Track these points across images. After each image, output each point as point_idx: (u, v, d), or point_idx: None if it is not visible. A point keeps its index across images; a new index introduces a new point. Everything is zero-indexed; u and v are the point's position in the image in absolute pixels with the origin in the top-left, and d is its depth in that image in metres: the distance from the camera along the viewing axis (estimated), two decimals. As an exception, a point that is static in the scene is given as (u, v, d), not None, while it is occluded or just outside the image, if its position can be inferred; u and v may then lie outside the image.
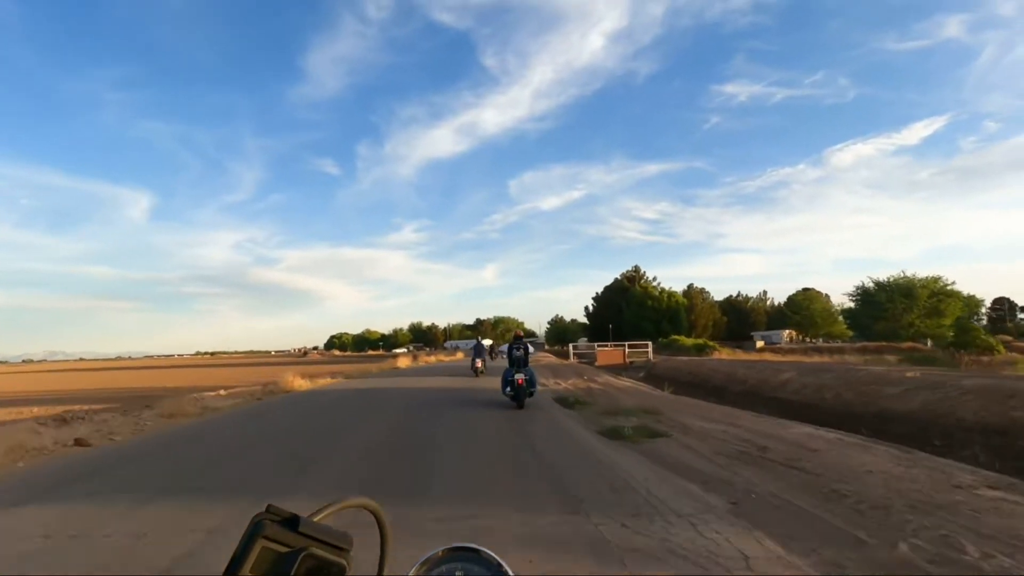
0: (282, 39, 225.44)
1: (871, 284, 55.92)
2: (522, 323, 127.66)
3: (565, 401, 10.78)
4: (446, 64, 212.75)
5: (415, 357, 39.19)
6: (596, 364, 30.25)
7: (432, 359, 41.65)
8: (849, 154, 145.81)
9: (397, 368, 28.52)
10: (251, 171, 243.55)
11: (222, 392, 16.20)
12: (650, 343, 31.80)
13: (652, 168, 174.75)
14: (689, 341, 41.16)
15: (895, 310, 52.05)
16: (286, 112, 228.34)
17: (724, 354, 33.26)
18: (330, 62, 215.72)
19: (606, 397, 11.86)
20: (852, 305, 58.76)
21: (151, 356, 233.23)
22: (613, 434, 7.00)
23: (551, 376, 19.15)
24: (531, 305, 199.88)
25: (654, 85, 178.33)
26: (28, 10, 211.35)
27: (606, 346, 32.45)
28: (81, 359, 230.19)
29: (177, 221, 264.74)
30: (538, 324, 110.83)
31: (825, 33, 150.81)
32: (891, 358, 36.35)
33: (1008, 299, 72.41)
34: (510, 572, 0.62)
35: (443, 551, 0.64)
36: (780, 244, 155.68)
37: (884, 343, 46.98)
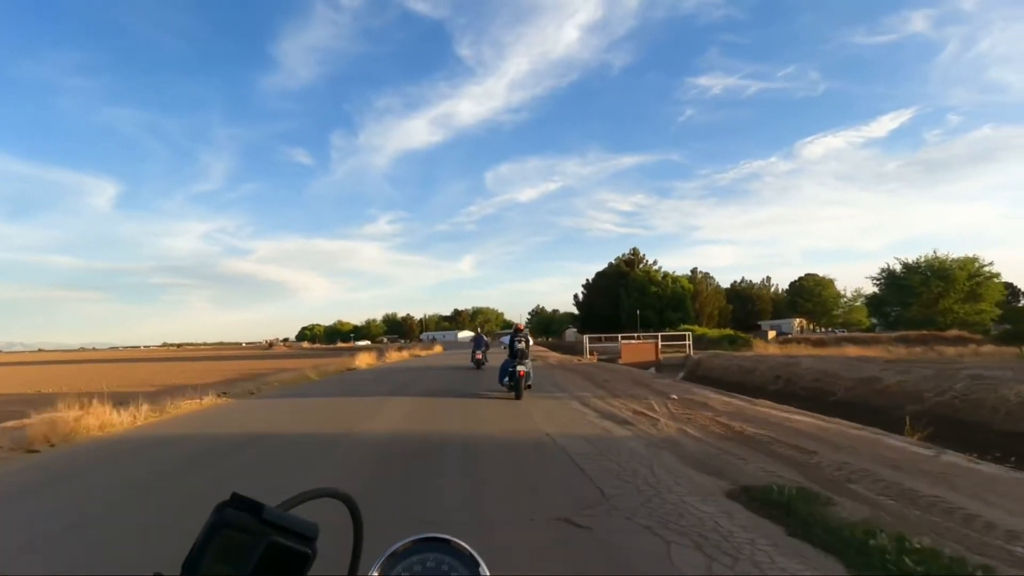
0: (252, 26, 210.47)
1: (898, 266, 49.94)
2: (502, 314, 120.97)
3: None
4: (421, 54, 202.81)
5: (381, 353, 29.80)
6: (620, 361, 22.95)
7: (405, 354, 32.39)
8: (819, 146, 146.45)
9: (353, 370, 20.55)
10: (221, 160, 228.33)
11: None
12: (689, 335, 24.67)
13: (628, 160, 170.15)
14: (714, 332, 34.31)
15: (930, 294, 46.24)
16: (257, 101, 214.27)
17: (773, 348, 26.41)
18: (302, 51, 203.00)
19: (901, 495, 4.36)
20: (875, 290, 52.91)
21: (116, 348, 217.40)
22: None
23: (602, 391, 11.58)
24: (508, 297, 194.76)
25: (629, 77, 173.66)
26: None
27: (632, 338, 25.17)
28: (40, 350, 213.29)
29: (144, 210, 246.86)
30: (517, 315, 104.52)
31: (797, 26, 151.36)
32: (950, 350, 30.27)
33: (1012, 284, 69.04)
34: (480, 561, 0.59)
35: (412, 541, 0.61)
36: (754, 236, 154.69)
37: (925, 332, 41.17)
